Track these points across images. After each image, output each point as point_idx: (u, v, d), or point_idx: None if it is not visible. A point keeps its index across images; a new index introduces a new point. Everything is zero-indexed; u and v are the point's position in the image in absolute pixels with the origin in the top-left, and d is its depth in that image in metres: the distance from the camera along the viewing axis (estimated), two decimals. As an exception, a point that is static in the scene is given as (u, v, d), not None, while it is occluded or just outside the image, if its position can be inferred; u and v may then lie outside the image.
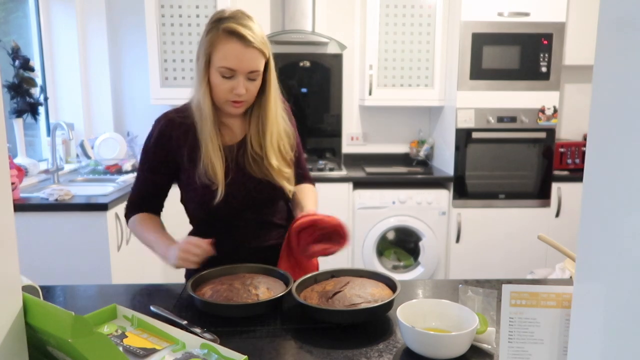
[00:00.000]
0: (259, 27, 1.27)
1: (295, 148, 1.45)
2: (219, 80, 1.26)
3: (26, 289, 0.97)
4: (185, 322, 1.06)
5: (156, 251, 1.32)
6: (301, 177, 1.51)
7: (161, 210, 1.45)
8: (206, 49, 1.26)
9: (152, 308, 1.13)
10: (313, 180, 1.57)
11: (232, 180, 1.33)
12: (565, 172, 3.27)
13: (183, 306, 1.18)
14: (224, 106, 1.31)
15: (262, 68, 1.28)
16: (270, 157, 1.35)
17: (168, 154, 1.35)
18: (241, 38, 1.22)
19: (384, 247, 3.25)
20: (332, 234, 1.29)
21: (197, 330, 1.02)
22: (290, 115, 1.46)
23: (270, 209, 1.42)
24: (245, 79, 1.26)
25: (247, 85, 1.27)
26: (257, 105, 1.35)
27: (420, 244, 3.18)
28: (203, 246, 1.22)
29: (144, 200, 1.41)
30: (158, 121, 1.37)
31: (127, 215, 1.42)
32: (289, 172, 1.39)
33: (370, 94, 3.29)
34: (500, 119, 3.10)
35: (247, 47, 1.23)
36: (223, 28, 1.23)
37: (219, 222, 1.37)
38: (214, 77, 1.27)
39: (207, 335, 1.00)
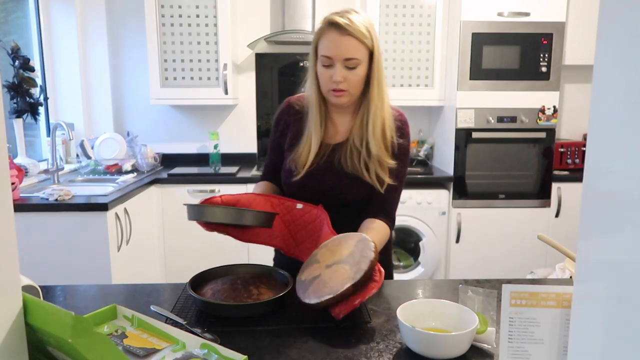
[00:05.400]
0: (364, 20, 1.29)
1: (397, 159, 1.37)
2: (321, 70, 1.32)
3: (26, 289, 0.97)
4: (185, 322, 1.06)
5: None
6: (380, 210, 1.38)
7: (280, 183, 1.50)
8: (313, 41, 1.33)
9: (152, 308, 1.13)
10: (393, 221, 1.44)
11: (315, 173, 1.37)
12: (565, 172, 3.27)
13: (183, 306, 1.18)
14: (328, 96, 1.35)
15: (360, 57, 1.28)
16: (370, 146, 1.34)
17: (281, 134, 1.46)
18: (337, 26, 1.27)
19: (384, 247, 3.25)
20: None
21: (197, 330, 1.02)
22: (405, 127, 1.41)
23: (348, 208, 1.39)
24: (343, 67, 1.28)
25: (346, 74, 1.29)
26: (364, 98, 1.36)
27: (420, 244, 3.18)
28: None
29: (268, 172, 1.51)
30: (282, 103, 1.48)
31: (258, 183, 1.53)
32: (391, 163, 1.35)
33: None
34: (500, 119, 3.10)
35: (343, 35, 1.27)
36: (325, 20, 1.30)
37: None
38: (318, 67, 1.33)
39: (207, 335, 1.00)
